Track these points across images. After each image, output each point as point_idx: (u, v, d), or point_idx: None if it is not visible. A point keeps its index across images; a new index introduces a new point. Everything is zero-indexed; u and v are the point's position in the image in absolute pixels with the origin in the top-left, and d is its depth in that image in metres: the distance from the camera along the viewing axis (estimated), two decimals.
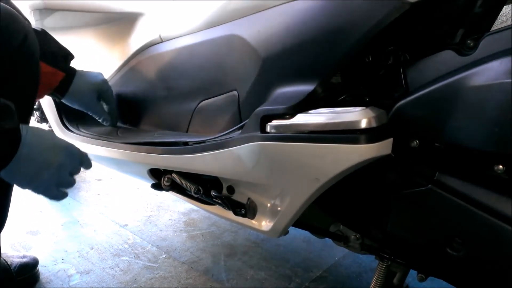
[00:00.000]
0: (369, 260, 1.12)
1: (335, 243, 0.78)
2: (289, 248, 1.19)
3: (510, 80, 0.46)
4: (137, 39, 1.04)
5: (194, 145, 0.77)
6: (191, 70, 0.89)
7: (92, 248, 1.19)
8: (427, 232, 0.61)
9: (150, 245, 1.21)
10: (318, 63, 0.61)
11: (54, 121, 1.13)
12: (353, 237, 0.75)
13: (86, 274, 1.06)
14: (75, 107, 1.01)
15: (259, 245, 1.20)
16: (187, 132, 0.92)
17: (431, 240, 0.60)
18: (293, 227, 0.74)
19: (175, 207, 1.46)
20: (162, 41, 0.96)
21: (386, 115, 0.56)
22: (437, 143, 0.55)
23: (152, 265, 1.11)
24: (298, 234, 1.24)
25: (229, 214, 0.80)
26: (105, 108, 1.05)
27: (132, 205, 1.49)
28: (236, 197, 0.79)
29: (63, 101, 0.99)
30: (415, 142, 0.56)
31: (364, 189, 0.67)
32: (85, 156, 0.76)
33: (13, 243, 1.20)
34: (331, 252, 1.15)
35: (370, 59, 0.60)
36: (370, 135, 0.53)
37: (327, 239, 0.80)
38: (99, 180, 1.73)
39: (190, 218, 1.38)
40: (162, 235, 1.27)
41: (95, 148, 1.00)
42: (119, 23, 1.11)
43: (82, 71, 0.99)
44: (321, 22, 0.60)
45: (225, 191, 0.81)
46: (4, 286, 0.97)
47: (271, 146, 0.62)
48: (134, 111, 1.07)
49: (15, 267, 0.99)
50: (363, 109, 0.54)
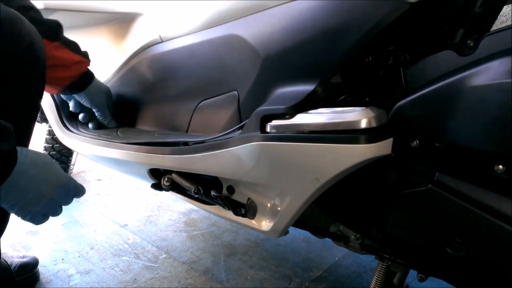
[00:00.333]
0: (369, 260, 1.12)
1: (335, 243, 0.78)
2: (289, 248, 1.19)
3: (510, 80, 0.46)
4: (137, 39, 1.04)
5: (194, 145, 0.77)
6: (191, 70, 0.89)
7: (92, 248, 1.19)
8: (427, 232, 0.61)
9: (150, 245, 1.21)
10: (318, 63, 0.61)
11: (54, 121, 1.13)
12: (353, 237, 0.75)
13: (86, 274, 1.06)
14: (88, 104, 1.00)
15: (259, 245, 1.20)
16: (187, 132, 0.92)
17: (431, 240, 0.60)
18: (293, 227, 0.74)
19: (175, 207, 1.46)
20: (162, 41, 0.96)
21: (386, 115, 0.56)
22: (437, 143, 0.55)
23: (152, 265, 1.11)
24: (298, 234, 1.24)
25: (229, 214, 0.80)
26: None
27: (132, 205, 1.49)
28: (236, 197, 0.79)
29: (76, 96, 0.99)
30: (415, 142, 0.56)
31: (364, 189, 0.67)
32: (80, 189, 0.73)
33: (13, 243, 1.20)
34: (331, 252, 1.16)
35: (370, 59, 0.60)
36: (370, 135, 0.53)
37: (327, 239, 0.80)
38: (99, 180, 1.73)
39: (190, 218, 1.38)
40: (162, 235, 1.27)
41: (95, 148, 1.00)
42: (119, 23, 1.11)
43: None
44: (321, 22, 0.60)
45: (225, 191, 0.81)
46: (4, 286, 0.97)
47: (271, 146, 0.62)
48: (134, 111, 1.06)
49: (15, 267, 0.99)
50: (363, 109, 0.54)
